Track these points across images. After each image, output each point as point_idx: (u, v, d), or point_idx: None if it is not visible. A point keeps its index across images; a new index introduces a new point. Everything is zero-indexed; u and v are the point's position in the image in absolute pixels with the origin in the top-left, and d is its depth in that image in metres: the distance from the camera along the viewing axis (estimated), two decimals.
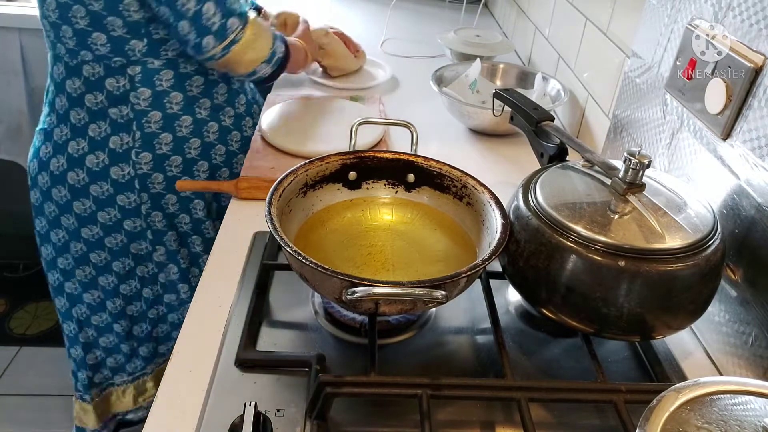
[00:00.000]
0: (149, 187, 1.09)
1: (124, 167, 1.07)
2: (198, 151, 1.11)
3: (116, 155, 1.06)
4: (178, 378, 0.62)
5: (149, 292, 1.21)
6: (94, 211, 1.10)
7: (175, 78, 1.04)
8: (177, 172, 1.10)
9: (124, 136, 1.05)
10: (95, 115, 1.04)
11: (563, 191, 0.66)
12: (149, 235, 1.14)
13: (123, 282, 1.18)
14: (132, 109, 1.03)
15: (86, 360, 1.25)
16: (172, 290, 1.21)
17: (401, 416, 0.60)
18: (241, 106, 1.16)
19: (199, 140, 1.10)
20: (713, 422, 0.41)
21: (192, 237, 1.17)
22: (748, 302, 0.65)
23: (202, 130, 1.10)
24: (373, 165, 0.77)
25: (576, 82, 1.20)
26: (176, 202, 1.12)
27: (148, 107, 1.04)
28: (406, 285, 0.55)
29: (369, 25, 1.77)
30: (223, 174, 1.16)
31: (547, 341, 0.72)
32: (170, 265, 1.18)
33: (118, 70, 1.01)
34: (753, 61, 0.63)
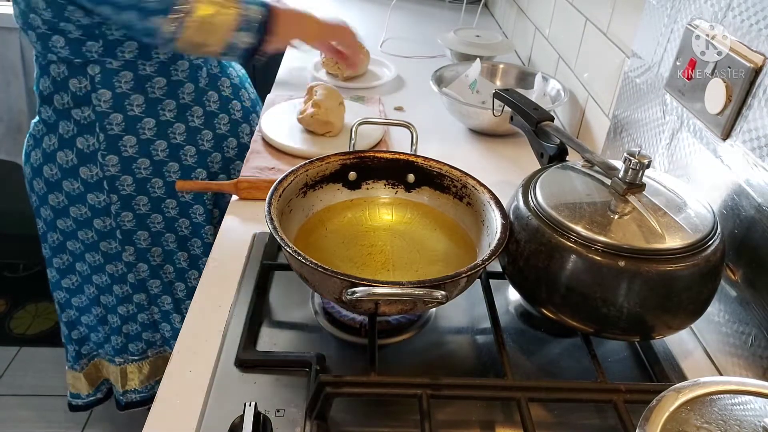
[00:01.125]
0: (119, 189, 1.09)
1: (92, 168, 1.07)
2: (165, 153, 1.09)
3: (84, 155, 1.06)
4: (178, 378, 0.62)
5: (119, 289, 1.21)
6: (66, 205, 1.11)
7: (134, 80, 1.02)
8: (147, 174, 1.09)
9: (89, 137, 1.05)
10: (61, 115, 1.05)
11: (563, 191, 0.66)
12: (118, 235, 1.14)
13: (95, 273, 1.20)
14: (93, 110, 1.03)
15: (71, 335, 1.30)
16: (141, 290, 1.21)
17: (401, 416, 0.60)
18: (212, 104, 1.12)
19: (165, 142, 1.08)
20: (713, 422, 0.41)
21: (165, 235, 1.17)
22: (747, 302, 0.65)
23: (167, 132, 1.08)
24: (373, 165, 0.77)
25: (576, 82, 1.20)
26: (147, 203, 1.12)
27: (109, 109, 1.03)
28: (406, 285, 0.55)
29: (369, 25, 1.77)
30: (200, 175, 1.14)
31: (547, 341, 0.72)
32: (140, 264, 1.18)
33: (79, 70, 1.00)
34: (753, 61, 0.63)
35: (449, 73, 1.28)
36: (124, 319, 1.25)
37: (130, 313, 1.24)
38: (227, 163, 1.17)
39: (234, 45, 0.94)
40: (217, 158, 1.15)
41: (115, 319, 1.25)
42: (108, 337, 1.28)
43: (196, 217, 1.16)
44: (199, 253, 1.20)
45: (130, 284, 1.20)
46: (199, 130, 1.11)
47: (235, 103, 1.17)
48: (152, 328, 1.27)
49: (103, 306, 1.24)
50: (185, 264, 1.21)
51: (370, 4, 2.00)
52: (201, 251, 1.20)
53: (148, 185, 1.10)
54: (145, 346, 1.30)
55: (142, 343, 1.28)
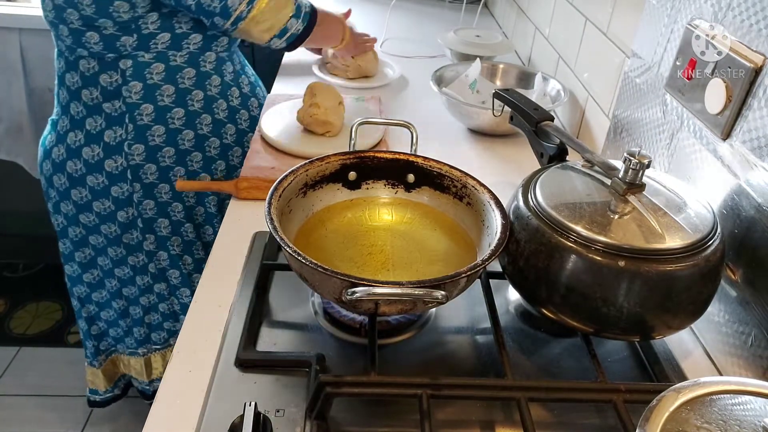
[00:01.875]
0: (142, 178, 1.12)
1: (117, 159, 1.10)
2: (192, 143, 1.13)
3: (110, 148, 1.09)
4: (178, 378, 0.62)
5: (140, 280, 1.24)
6: (90, 200, 1.14)
7: (166, 71, 1.06)
8: (170, 162, 1.13)
9: (118, 129, 1.08)
10: (91, 110, 1.07)
11: (563, 191, 0.66)
12: (140, 224, 1.16)
13: (117, 266, 1.23)
14: (124, 102, 1.06)
15: (90, 331, 1.33)
16: (161, 279, 1.24)
17: (401, 416, 0.60)
18: (235, 99, 1.17)
19: (192, 132, 1.12)
20: (713, 422, 0.41)
21: (185, 225, 1.20)
22: (747, 302, 0.65)
23: (194, 122, 1.12)
24: (373, 165, 0.77)
25: (576, 82, 1.20)
26: (169, 191, 1.15)
27: (140, 100, 1.07)
28: (406, 285, 0.55)
29: (369, 25, 1.77)
30: (219, 167, 1.18)
31: (547, 341, 0.72)
32: (160, 252, 1.21)
33: (110, 65, 1.04)
34: (753, 61, 0.63)
35: (449, 73, 1.28)
36: (146, 309, 1.28)
37: (152, 303, 1.27)
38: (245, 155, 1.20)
39: (287, 29, 1.07)
40: (238, 152, 1.20)
41: (138, 310, 1.28)
42: (129, 329, 1.31)
43: (210, 207, 1.20)
44: (210, 240, 1.23)
45: (151, 274, 1.23)
46: (223, 123, 1.16)
47: (253, 100, 1.22)
48: (173, 318, 1.30)
49: (125, 298, 1.27)
50: (202, 254, 1.24)
51: (370, 4, 2.00)
52: (212, 238, 1.21)
53: (171, 173, 1.14)
54: (167, 335, 1.32)
55: (164, 332, 1.31)
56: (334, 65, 1.40)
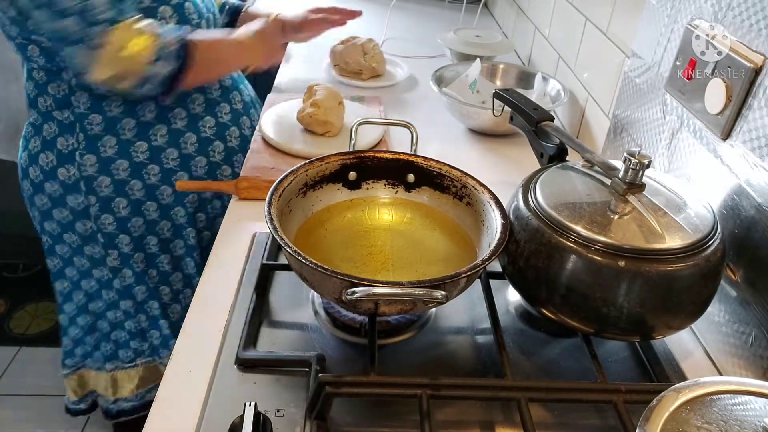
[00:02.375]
0: (96, 191, 1.07)
1: (69, 168, 1.06)
2: (146, 156, 1.07)
3: (62, 156, 1.06)
4: (178, 378, 0.62)
5: (106, 294, 1.19)
6: (50, 207, 1.11)
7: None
8: (125, 176, 1.07)
9: (69, 137, 1.05)
10: (46, 117, 1.05)
11: (563, 191, 0.66)
12: (100, 238, 1.12)
13: (84, 278, 1.18)
14: (72, 112, 1.03)
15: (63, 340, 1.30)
16: (127, 296, 1.18)
17: (401, 416, 0.60)
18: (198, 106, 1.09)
19: (146, 144, 1.07)
20: (713, 422, 0.41)
21: (147, 238, 1.14)
22: (748, 302, 0.65)
23: (147, 134, 1.06)
24: (373, 165, 0.77)
25: (576, 82, 1.20)
26: (127, 205, 1.10)
27: (88, 110, 1.03)
28: (406, 285, 0.55)
29: (369, 25, 1.77)
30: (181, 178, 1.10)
31: (547, 341, 0.72)
32: (125, 269, 1.15)
33: (57, 75, 1.01)
34: (753, 61, 0.63)
35: (449, 73, 1.28)
36: (113, 325, 1.22)
37: (118, 320, 1.22)
38: (213, 167, 1.14)
39: (151, 76, 0.93)
40: (202, 162, 1.12)
41: (105, 325, 1.23)
42: (97, 344, 1.26)
43: (177, 219, 1.14)
44: (181, 254, 1.18)
45: (116, 290, 1.18)
46: (182, 132, 1.09)
47: (224, 105, 1.14)
48: (140, 337, 1.24)
49: (92, 313, 1.22)
50: (168, 267, 1.18)
51: (370, 4, 1.99)
52: (183, 252, 1.18)
53: (127, 187, 1.08)
54: (134, 355, 1.27)
55: (130, 351, 1.26)
56: (343, 68, 1.40)
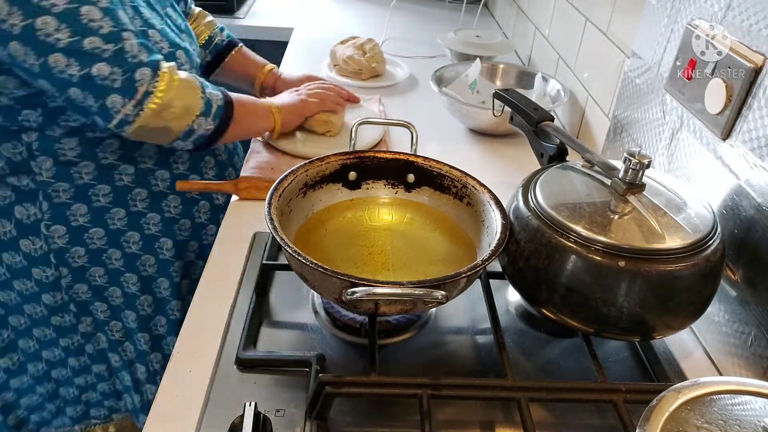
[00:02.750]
0: (69, 262, 0.96)
1: (35, 240, 0.94)
2: (124, 222, 0.97)
3: (24, 227, 0.93)
4: (178, 378, 0.62)
5: (75, 361, 1.08)
6: (9, 278, 0.97)
7: (81, 145, 0.90)
8: (101, 244, 0.97)
9: (30, 206, 0.92)
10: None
11: (563, 191, 0.66)
12: (72, 308, 1.01)
13: (46, 348, 1.06)
14: (33, 180, 0.90)
15: (7, 422, 1.14)
16: (101, 361, 1.09)
17: (401, 416, 0.60)
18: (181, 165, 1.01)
19: (124, 210, 0.96)
20: (713, 422, 0.41)
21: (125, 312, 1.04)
22: (747, 302, 0.65)
23: (126, 199, 0.96)
24: (373, 165, 0.77)
25: (576, 82, 1.20)
26: (104, 274, 0.99)
27: (52, 178, 0.91)
28: (406, 285, 0.55)
29: (369, 25, 1.77)
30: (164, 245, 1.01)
31: (547, 341, 0.72)
32: (99, 334, 1.05)
33: (13, 135, 0.88)
34: (753, 61, 0.63)
35: (449, 73, 1.28)
36: (82, 389, 1.12)
37: (89, 383, 1.11)
38: (198, 228, 1.06)
39: (193, 130, 0.85)
40: (186, 224, 1.04)
41: (71, 391, 1.11)
42: (61, 409, 1.14)
43: (160, 292, 1.04)
44: (162, 332, 1.07)
45: (89, 355, 1.07)
46: (164, 194, 1.00)
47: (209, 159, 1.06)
48: (114, 396, 1.14)
49: (54, 380, 1.10)
50: (146, 347, 1.07)
51: (370, 4, 2.00)
52: (165, 330, 1.07)
53: (104, 256, 0.98)
54: (108, 412, 1.17)
55: (104, 410, 1.16)
56: (343, 68, 1.40)
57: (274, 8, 1.96)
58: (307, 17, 1.86)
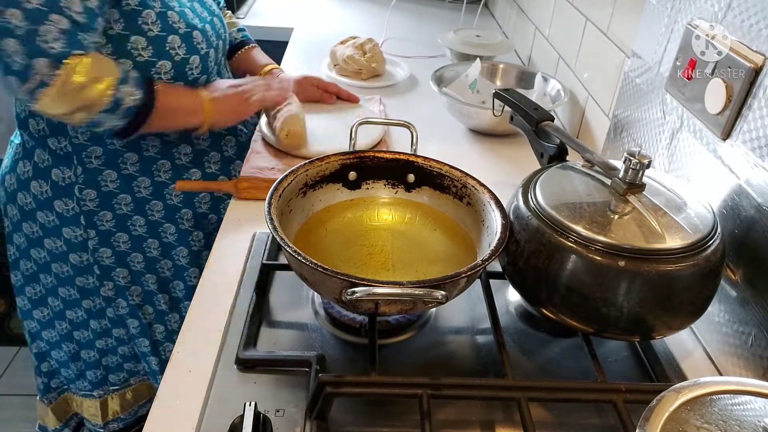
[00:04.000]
0: (97, 224, 1.02)
1: (67, 202, 1.00)
2: (149, 191, 1.02)
3: (59, 188, 0.99)
4: (178, 378, 0.62)
5: (96, 324, 1.14)
6: (41, 236, 1.04)
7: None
8: (128, 210, 1.02)
9: (66, 169, 0.98)
10: (38, 142, 0.98)
11: (563, 191, 0.66)
12: (96, 270, 1.06)
13: (69, 308, 1.13)
14: (70, 142, 0.96)
15: (41, 368, 1.24)
16: (121, 325, 1.14)
17: (401, 416, 0.60)
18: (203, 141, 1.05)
19: (149, 180, 1.02)
20: (713, 422, 0.41)
21: (146, 275, 1.09)
22: (747, 302, 0.65)
23: (151, 170, 1.01)
24: (373, 165, 0.77)
25: (576, 82, 1.20)
26: (128, 240, 1.05)
27: (87, 141, 0.96)
28: (406, 285, 0.55)
29: (369, 25, 1.77)
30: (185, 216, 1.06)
31: (547, 341, 0.72)
32: (119, 299, 1.11)
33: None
34: (753, 61, 0.63)
35: (449, 73, 1.28)
36: (102, 352, 1.18)
37: (110, 346, 1.17)
38: (217, 202, 1.09)
39: (96, 123, 0.86)
40: (206, 198, 1.08)
41: (92, 354, 1.17)
42: (82, 372, 1.21)
43: (179, 259, 1.09)
44: (180, 296, 1.13)
45: (109, 319, 1.13)
46: (186, 168, 1.05)
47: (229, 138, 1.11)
48: (134, 360, 1.20)
49: (77, 342, 1.17)
50: (165, 307, 1.13)
51: (370, 4, 2.00)
52: (183, 294, 1.13)
53: (129, 222, 1.03)
54: (128, 375, 1.23)
55: (123, 373, 1.22)
56: (343, 68, 1.40)
57: (274, 8, 1.96)
58: (307, 17, 1.86)
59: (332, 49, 1.44)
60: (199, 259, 1.11)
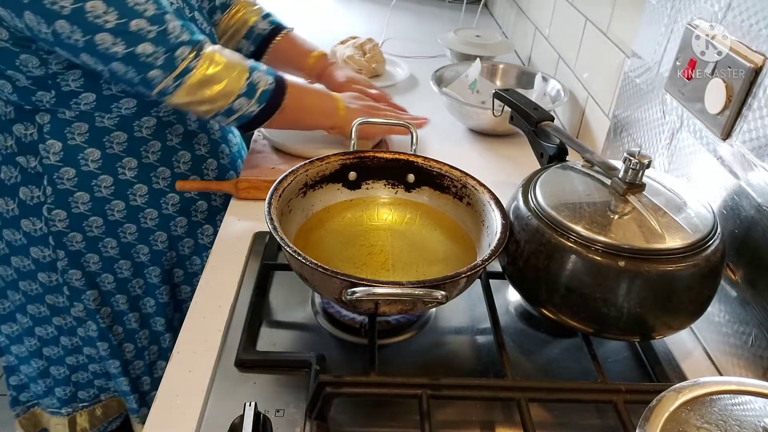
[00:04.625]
0: (66, 245, 0.98)
1: (35, 222, 0.96)
2: (122, 214, 0.98)
3: (26, 207, 0.95)
4: (178, 378, 0.62)
5: (68, 341, 1.11)
6: (8, 254, 1.01)
7: (90, 132, 0.91)
8: (99, 233, 0.98)
9: (34, 189, 0.94)
10: (5, 159, 0.93)
11: (563, 191, 0.66)
12: (66, 291, 1.03)
13: (39, 325, 1.09)
14: (41, 162, 0.92)
15: (9, 381, 1.20)
16: (91, 345, 1.10)
17: (401, 416, 0.60)
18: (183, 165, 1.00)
19: (123, 203, 0.97)
20: (713, 422, 0.41)
21: (116, 296, 1.06)
22: (747, 302, 0.65)
23: (126, 193, 0.97)
24: (373, 165, 0.77)
25: (576, 82, 1.20)
26: (98, 261, 1.01)
27: (59, 162, 0.92)
28: (406, 285, 0.55)
29: (369, 25, 1.77)
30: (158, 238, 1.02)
31: (547, 341, 0.72)
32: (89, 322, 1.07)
33: (27, 116, 0.89)
34: (753, 61, 0.63)
35: (449, 73, 1.28)
36: (73, 368, 1.14)
37: (80, 363, 1.14)
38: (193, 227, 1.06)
39: (233, 110, 0.87)
40: (183, 222, 1.04)
41: (62, 370, 1.14)
42: (51, 389, 1.17)
43: (151, 278, 1.06)
44: (151, 312, 1.10)
45: (80, 337, 1.10)
46: (164, 192, 1.00)
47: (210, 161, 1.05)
48: (104, 377, 1.17)
49: (46, 358, 1.13)
50: (136, 325, 1.10)
51: (370, 4, 2.00)
52: (153, 311, 1.10)
53: (100, 244, 0.99)
54: (97, 392, 1.19)
55: (93, 389, 1.18)
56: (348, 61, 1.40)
57: (274, 8, 1.96)
58: (307, 17, 1.86)
59: (332, 49, 1.44)
60: (171, 276, 1.08)
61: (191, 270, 1.10)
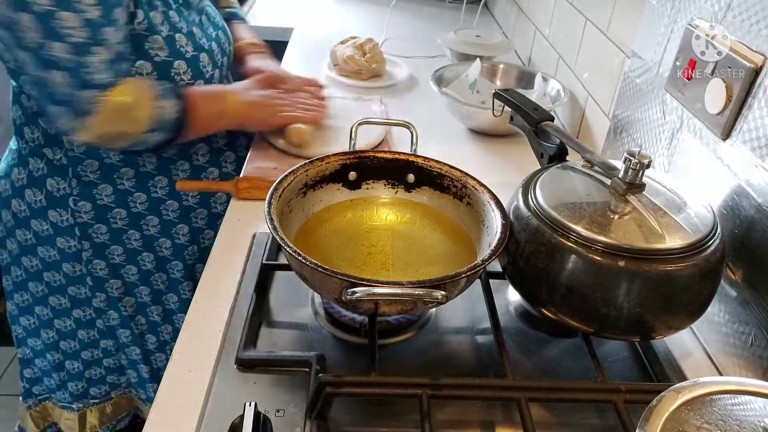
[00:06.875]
0: (92, 236, 1.01)
1: (62, 213, 0.99)
2: (145, 206, 1.01)
3: (53, 199, 0.98)
4: (178, 378, 0.62)
5: (84, 334, 1.13)
6: (35, 244, 1.04)
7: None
8: (123, 225, 1.01)
9: (60, 180, 0.97)
10: (32, 151, 0.97)
11: (563, 191, 0.66)
12: (89, 281, 1.06)
13: (58, 317, 1.12)
14: (65, 154, 0.95)
15: (24, 373, 1.23)
16: (110, 336, 1.14)
17: (401, 416, 0.60)
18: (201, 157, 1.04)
19: (145, 195, 1.00)
20: (713, 422, 0.41)
21: (139, 287, 1.09)
22: (747, 302, 0.65)
23: (147, 185, 1.00)
24: (373, 165, 0.77)
25: (576, 82, 1.20)
26: (122, 253, 1.04)
27: (83, 154, 0.95)
28: (406, 285, 0.55)
29: (369, 25, 1.77)
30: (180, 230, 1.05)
31: (547, 341, 0.72)
32: (110, 311, 1.10)
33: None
34: (753, 61, 0.63)
35: (449, 73, 1.28)
36: (87, 364, 1.17)
37: (95, 358, 1.16)
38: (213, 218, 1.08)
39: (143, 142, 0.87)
40: (203, 214, 1.07)
41: (77, 365, 1.16)
42: (64, 383, 1.19)
43: (174, 272, 1.09)
44: (174, 308, 1.12)
45: (98, 329, 1.12)
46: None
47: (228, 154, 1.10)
48: (117, 372, 1.19)
49: (62, 352, 1.15)
50: (158, 318, 1.13)
51: (370, 4, 2.00)
52: (176, 306, 1.12)
53: (124, 236, 1.03)
54: (109, 389, 1.22)
55: (105, 386, 1.21)
56: (343, 68, 1.40)
57: (274, 8, 1.96)
58: (307, 17, 1.86)
59: (332, 49, 1.44)
60: (193, 272, 1.10)
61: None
